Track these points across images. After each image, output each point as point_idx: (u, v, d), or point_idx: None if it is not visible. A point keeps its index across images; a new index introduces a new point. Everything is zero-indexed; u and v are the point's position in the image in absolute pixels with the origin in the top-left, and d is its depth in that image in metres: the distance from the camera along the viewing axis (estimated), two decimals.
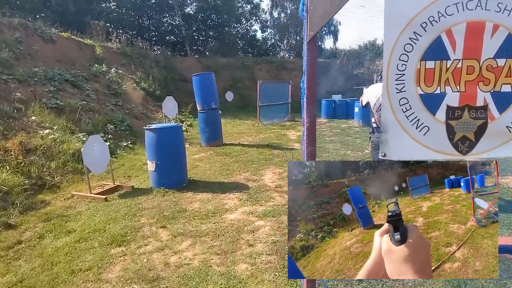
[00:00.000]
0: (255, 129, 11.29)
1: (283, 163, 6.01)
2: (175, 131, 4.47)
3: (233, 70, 22.55)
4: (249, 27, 29.22)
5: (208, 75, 7.79)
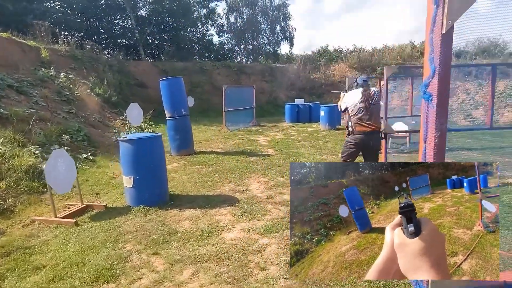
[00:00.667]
0: (223, 135, 10.92)
1: (264, 170, 5.75)
2: (154, 142, 4.00)
3: (191, 74, 21.92)
4: (205, 32, 28.72)
5: (177, 79, 7.30)
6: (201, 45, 28.74)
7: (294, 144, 8.97)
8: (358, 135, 3.82)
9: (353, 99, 3.89)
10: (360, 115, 3.81)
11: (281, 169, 5.86)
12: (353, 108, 3.85)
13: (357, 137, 3.82)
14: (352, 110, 3.86)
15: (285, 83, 23.76)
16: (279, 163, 6.40)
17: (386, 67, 4.51)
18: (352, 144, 3.90)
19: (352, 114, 3.87)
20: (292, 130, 12.27)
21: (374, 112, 3.85)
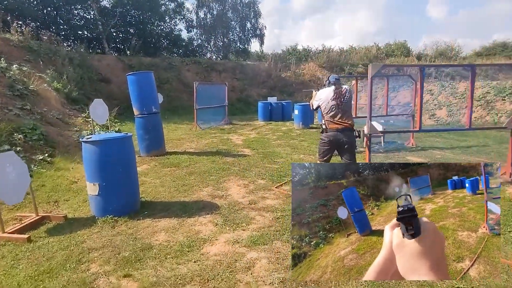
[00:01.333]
0: (195, 134, 10.44)
1: (243, 172, 5.42)
2: (124, 143, 3.52)
3: (159, 70, 21.04)
4: (173, 26, 27.73)
5: (146, 74, 6.77)
6: (169, 40, 27.74)
7: (270, 143, 8.73)
8: (331, 132, 3.87)
9: (325, 97, 3.93)
10: (332, 113, 3.84)
11: (260, 170, 5.57)
12: (326, 106, 3.90)
13: (330, 135, 3.88)
14: (325, 108, 3.91)
15: (256, 81, 23.52)
16: (257, 164, 6.10)
17: (371, 65, 4.35)
18: (326, 141, 3.96)
19: (325, 112, 3.93)
20: (266, 129, 12.04)
21: (347, 110, 3.90)
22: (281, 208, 3.70)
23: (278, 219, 3.40)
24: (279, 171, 5.50)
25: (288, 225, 3.22)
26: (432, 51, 32.35)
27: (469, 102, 4.69)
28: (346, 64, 26.87)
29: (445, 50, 31.71)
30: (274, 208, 3.71)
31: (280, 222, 3.31)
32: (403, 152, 7.57)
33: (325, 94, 3.96)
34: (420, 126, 4.57)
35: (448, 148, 7.85)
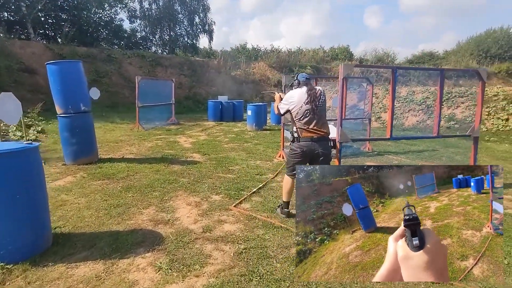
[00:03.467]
0: (136, 136, 9.23)
1: (194, 185, 4.57)
2: (25, 159, 2.49)
3: (96, 62, 19.03)
4: (114, 15, 25.41)
5: (72, 64, 5.55)
6: (109, 30, 25.39)
7: (222, 147, 7.94)
8: (304, 142, 3.27)
9: (298, 100, 3.29)
10: (306, 119, 3.25)
11: (214, 182, 4.77)
12: (298, 111, 3.28)
13: (303, 145, 3.27)
14: (297, 113, 3.29)
15: (205, 78, 22.46)
16: (210, 173, 5.29)
17: (343, 65, 3.83)
18: (298, 153, 3.31)
19: (297, 118, 3.29)
20: (217, 130, 11.20)
21: (322, 115, 3.33)
22: (244, 237, 2.97)
23: (241, 254, 2.66)
24: (235, 183, 4.76)
25: (255, 264, 2.51)
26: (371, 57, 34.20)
27: (437, 108, 4.42)
28: (295, 65, 27.04)
29: (382, 57, 33.68)
30: (235, 238, 2.96)
31: (245, 260, 2.57)
32: (361, 157, 7.32)
33: (297, 97, 3.30)
34: (391, 134, 4.18)
35: (401, 153, 7.80)
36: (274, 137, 9.72)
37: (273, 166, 6.10)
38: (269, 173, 5.53)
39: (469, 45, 32.91)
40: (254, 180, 5.00)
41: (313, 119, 3.24)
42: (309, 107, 3.23)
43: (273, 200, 4.05)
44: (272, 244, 2.83)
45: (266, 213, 3.59)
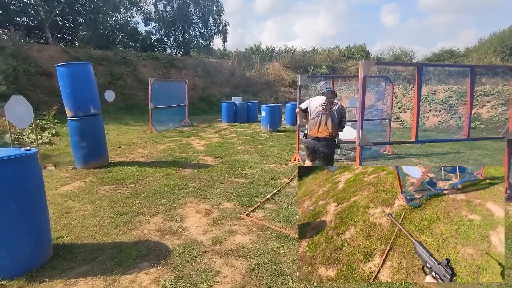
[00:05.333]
0: (149, 138, 9.13)
1: (205, 191, 4.35)
2: (21, 166, 2.33)
3: (112, 65, 19.20)
4: (129, 18, 25.65)
5: (83, 66, 5.44)
6: (125, 33, 25.63)
7: (235, 149, 7.72)
8: (308, 139, 3.97)
9: (315, 102, 3.93)
10: (316, 119, 3.85)
11: (226, 187, 4.54)
12: (313, 111, 3.90)
13: (307, 141, 4.00)
14: (312, 112, 3.91)
15: (219, 79, 22.35)
16: (222, 178, 5.07)
17: (363, 61, 3.53)
18: (305, 147, 4.14)
19: (311, 117, 3.92)
20: (230, 132, 11.00)
21: (329, 121, 3.80)
22: (257, 251, 2.72)
23: (253, 271, 2.41)
24: (248, 188, 4.51)
25: (269, 282, 2.26)
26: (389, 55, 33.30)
27: (468, 108, 4.04)
28: (310, 65, 26.61)
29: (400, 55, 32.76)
30: (247, 251, 2.72)
31: (258, 278, 2.32)
32: (381, 160, 6.95)
33: (316, 100, 3.95)
34: (416, 137, 3.83)
35: (424, 156, 7.37)
36: (289, 138, 9.43)
37: (288, 170, 5.82)
38: (283, 177, 5.26)
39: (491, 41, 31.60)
40: (268, 185, 4.75)
41: (321, 121, 3.79)
42: (321, 110, 3.80)
43: (289, 208, 3.78)
44: (287, 260, 2.56)
45: (281, 222, 3.33)
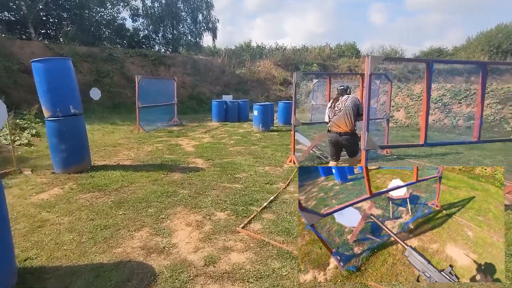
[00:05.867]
0: (136, 138, 8.69)
1: (195, 199, 4.00)
2: None
3: (98, 61, 18.56)
4: (116, 14, 24.91)
5: (61, 62, 5.01)
6: (111, 29, 24.90)
7: (227, 150, 7.37)
8: (332, 133, 4.48)
9: (330, 104, 4.56)
10: (336, 117, 4.41)
11: (219, 194, 4.19)
12: (330, 112, 4.51)
13: (330, 135, 4.52)
14: (330, 113, 4.53)
15: (209, 77, 21.89)
16: (214, 183, 4.72)
17: (369, 57, 3.22)
18: (329, 141, 4.64)
19: (331, 117, 4.48)
20: (221, 131, 10.63)
21: (347, 115, 4.29)
22: (256, 272, 2.39)
23: None
24: (243, 195, 4.18)
25: None
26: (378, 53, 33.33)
27: (479, 109, 3.78)
28: (301, 63, 26.37)
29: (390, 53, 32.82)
30: (245, 273, 2.38)
31: None
32: (380, 161, 6.70)
33: (330, 103, 4.58)
34: (425, 139, 3.56)
35: (423, 156, 7.16)
36: (283, 139, 9.12)
37: (284, 172, 5.51)
38: (279, 181, 4.95)
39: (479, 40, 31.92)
40: (264, 190, 4.42)
41: (339, 118, 4.34)
42: (337, 109, 4.39)
43: (288, 218, 3.46)
44: (291, 285, 2.24)
45: (281, 236, 3.01)
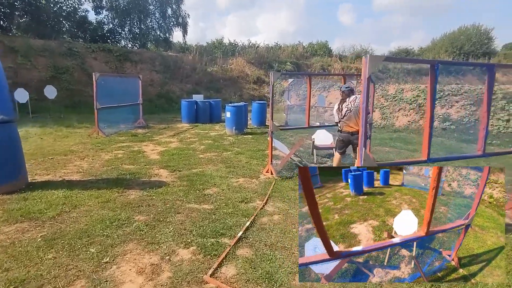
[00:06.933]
0: (93, 144, 7.69)
1: (155, 228, 3.23)
2: None
3: (55, 56, 17.01)
4: (77, 6, 23.12)
5: None
6: (72, 21, 23.10)
7: (197, 158, 6.60)
8: (343, 133, 4.76)
9: (337, 106, 4.87)
10: (345, 118, 4.69)
11: (183, 221, 3.45)
12: (339, 113, 4.80)
13: (342, 135, 4.77)
14: (339, 114, 4.81)
15: (179, 75, 20.81)
16: (179, 203, 3.97)
17: (368, 57, 2.62)
18: (340, 139, 4.86)
19: (341, 117, 4.76)
20: (191, 134, 9.80)
21: (357, 116, 4.50)
22: None
23: None
24: (213, 221, 3.47)
25: None
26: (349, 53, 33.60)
27: (484, 118, 3.30)
28: (274, 61, 25.87)
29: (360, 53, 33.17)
30: None
31: None
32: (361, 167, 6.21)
33: (338, 104, 4.87)
34: (428, 155, 3.02)
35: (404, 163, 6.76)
36: (258, 143, 8.47)
37: (261, 186, 4.85)
38: (256, 198, 4.28)
39: (443, 42, 32.97)
40: (238, 212, 3.74)
41: (349, 119, 4.63)
42: (345, 110, 4.66)
43: (268, 253, 2.80)
44: None
45: (261, 286, 2.33)
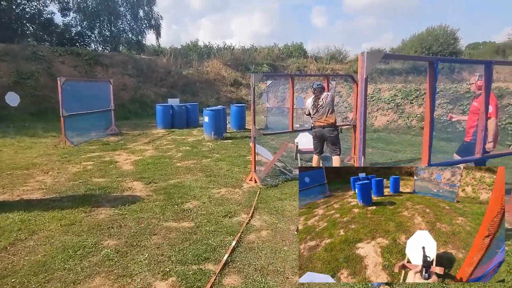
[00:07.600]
0: (60, 155, 7.06)
1: (127, 256, 2.79)
2: None
3: (19, 61, 15.95)
4: (42, 7, 21.91)
5: None
6: (37, 24, 21.88)
7: (174, 167, 6.16)
8: (316, 128, 5.04)
9: (310, 101, 5.13)
10: (318, 113, 4.99)
11: (160, 244, 3.04)
12: (312, 107, 5.06)
13: (315, 130, 5.07)
14: (313, 109, 5.06)
15: (153, 78, 20.09)
16: (155, 222, 3.54)
17: (365, 54, 2.34)
18: (314, 136, 5.15)
19: (313, 113, 5.05)
20: (167, 141, 9.30)
21: (330, 111, 4.94)
22: None
23: None
24: (194, 242, 3.08)
25: None
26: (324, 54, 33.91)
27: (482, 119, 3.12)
28: (251, 63, 25.60)
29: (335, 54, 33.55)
30: None
31: None
32: None
33: (310, 99, 5.11)
34: (429, 159, 2.78)
35: (390, 164, 6.65)
36: (238, 148, 8.10)
37: (244, 196, 4.51)
38: (241, 211, 3.93)
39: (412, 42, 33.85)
40: (222, 229, 3.37)
41: (322, 114, 4.93)
42: (317, 105, 4.96)
43: (259, 279, 2.45)
44: None
45: None
